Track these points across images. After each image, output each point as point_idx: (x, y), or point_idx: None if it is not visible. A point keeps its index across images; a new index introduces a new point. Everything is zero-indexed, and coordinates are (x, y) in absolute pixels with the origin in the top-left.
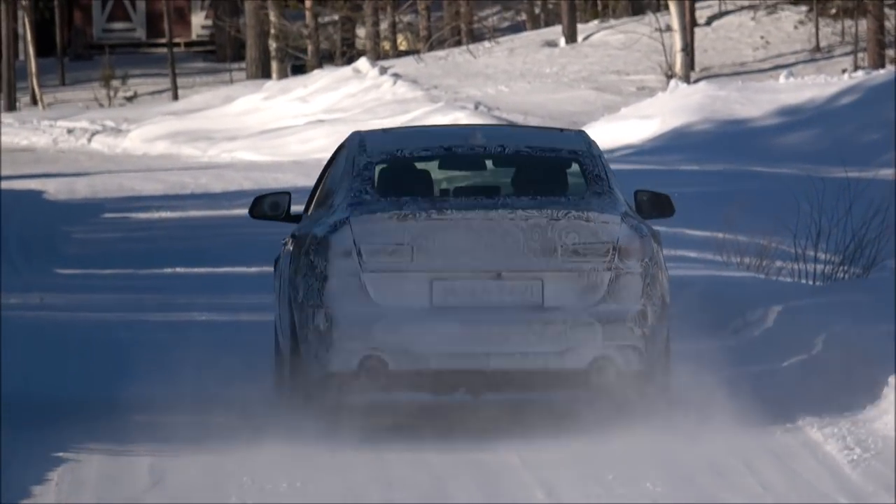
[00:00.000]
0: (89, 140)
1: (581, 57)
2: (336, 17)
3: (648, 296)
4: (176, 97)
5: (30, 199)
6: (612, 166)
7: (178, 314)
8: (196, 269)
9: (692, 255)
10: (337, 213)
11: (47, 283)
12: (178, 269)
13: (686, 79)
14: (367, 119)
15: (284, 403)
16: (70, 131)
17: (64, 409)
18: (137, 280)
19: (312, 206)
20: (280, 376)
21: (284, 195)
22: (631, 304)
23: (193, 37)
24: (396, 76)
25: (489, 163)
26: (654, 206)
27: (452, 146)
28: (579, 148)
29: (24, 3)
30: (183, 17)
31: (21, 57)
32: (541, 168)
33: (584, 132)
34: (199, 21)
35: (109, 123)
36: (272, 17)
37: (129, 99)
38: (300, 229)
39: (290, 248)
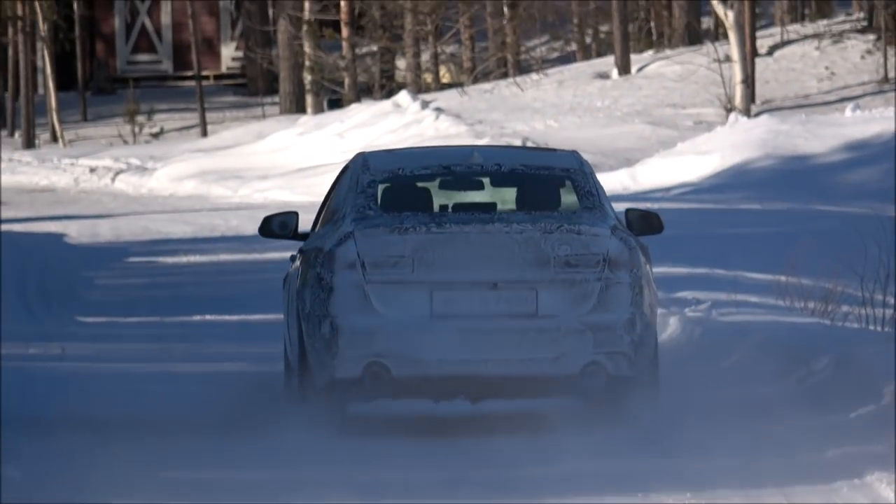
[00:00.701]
0: (113, 179)
1: (635, 89)
2: (375, 48)
3: (637, 305)
4: (205, 133)
5: (50, 243)
6: (668, 205)
7: (207, 364)
8: (227, 317)
9: (753, 299)
10: (342, 228)
11: (68, 333)
12: (208, 317)
13: (746, 112)
14: None
15: (294, 410)
16: (92, 170)
17: (86, 463)
18: (164, 328)
19: (319, 223)
20: (289, 385)
21: (292, 215)
22: (620, 313)
23: (223, 69)
24: (439, 110)
25: (486, 180)
26: (643, 223)
27: (451, 165)
28: (571, 166)
29: (43, 34)
30: (212, 49)
31: (41, 91)
32: (535, 185)
33: (576, 152)
34: (229, 52)
35: (134, 161)
36: (307, 49)
37: (156, 135)
38: (308, 245)
39: (299, 263)
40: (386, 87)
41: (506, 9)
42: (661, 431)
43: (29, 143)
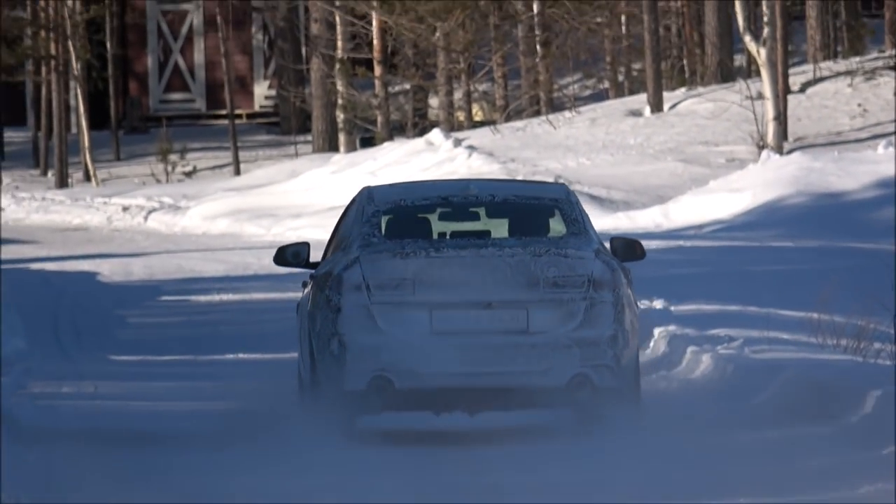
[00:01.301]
0: (146, 218)
1: (667, 127)
2: (407, 87)
3: (619, 322)
4: (238, 172)
5: (83, 282)
6: (700, 243)
7: (240, 403)
8: (260, 356)
9: (785, 336)
10: (349, 254)
11: (101, 371)
12: (241, 356)
13: (779, 149)
14: None
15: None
16: (125, 209)
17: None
18: (197, 367)
19: (329, 251)
20: (302, 399)
21: (304, 245)
22: (604, 329)
23: (256, 108)
24: (472, 148)
25: (482, 210)
26: (626, 250)
27: (449, 196)
28: (559, 196)
29: (76, 73)
30: (245, 87)
31: (73, 130)
32: (526, 214)
33: (563, 184)
34: (261, 91)
35: (167, 200)
36: (339, 87)
37: (188, 174)
38: (318, 271)
39: (310, 288)
40: (419, 125)
41: (538, 47)
42: (693, 468)
43: (62, 183)
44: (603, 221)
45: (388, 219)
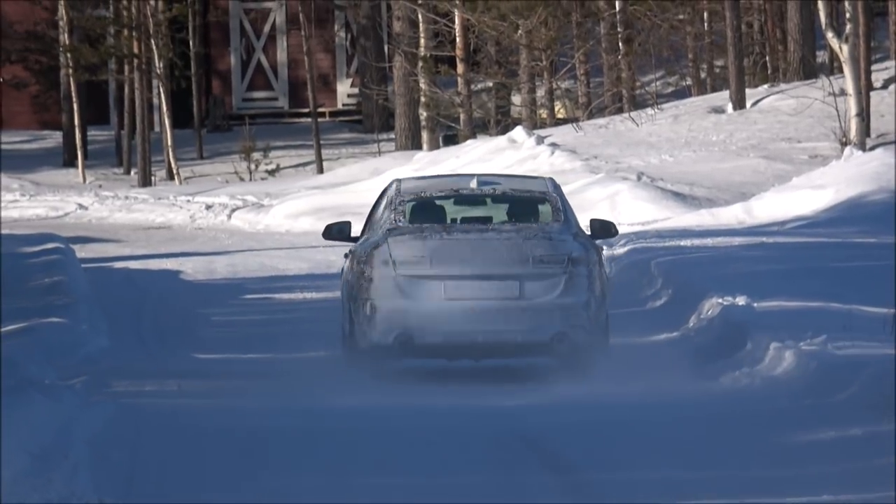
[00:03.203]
0: (229, 216)
1: (749, 124)
2: (490, 84)
3: (591, 291)
4: (321, 170)
5: (166, 280)
6: (783, 239)
7: (324, 400)
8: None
9: (868, 333)
10: (379, 236)
11: (185, 369)
12: (323, 353)
13: (861, 146)
14: None
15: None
16: (208, 207)
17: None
18: (280, 365)
19: (365, 231)
20: (343, 349)
21: (347, 223)
22: (580, 297)
23: (339, 106)
24: (554, 146)
25: (486, 199)
26: (601, 229)
27: (460, 188)
28: (546, 189)
29: (159, 72)
30: (328, 85)
31: (156, 129)
32: (519, 203)
33: (552, 179)
34: (344, 89)
35: (250, 198)
36: (422, 85)
37: (271, 172)
38: (356, 248)
39: (349, 261)
40: (501, 122)
41: (621, 44)
42: (775, 464)
43: (145, 181)
44: (686, 218)
45: (412, 206)
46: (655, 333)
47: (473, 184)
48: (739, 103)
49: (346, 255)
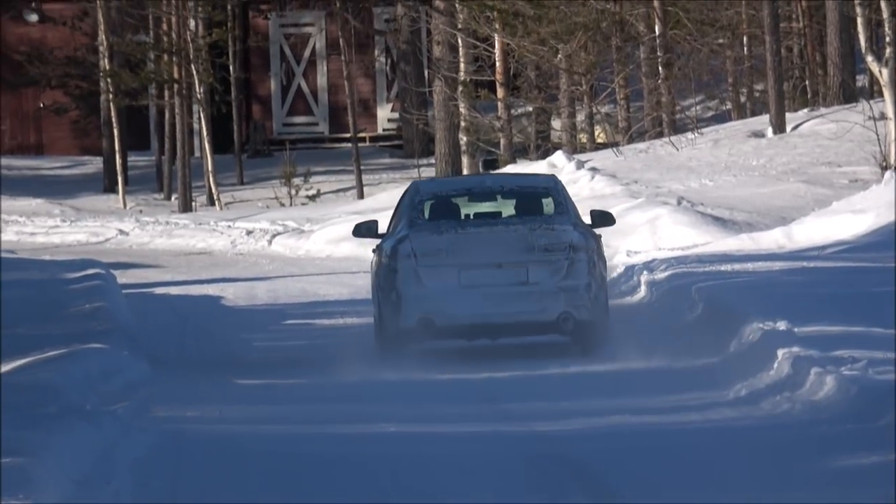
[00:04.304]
0: (270, 242)
1: (790, 148)
2: (530, 109)
3: (592, 274)
4: (361, 195)
5: (207, 305)
6: (823, 263)
7: (365, 426)
8: (385, 377)
9: None
10: (402, 232)
11: (226, 395)
12: (364, 378)
13: None
14: None
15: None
16: (249, 233)
17: None
18: (321, 390)
19: (390, 228)
20: (374, 336)
21: (374, 222)
22: (581, 280)
23: (379, 130)
24: (594, 170)
25: (496, 196)
26: (601, 219)
27: (472, 188)
28: (549, 185)
29: (199, 97)
30: (368, 110)
31: (197, 154)
32: (526, 199)
33: (554, 176)
34: (384, 114)
35: (291, 224)
36: (462, 110)
37: (312, 198)
38: (382, 243)
39: (376, 255)
40: (541, 147)
41: (661, 68)
42: (816, 489)
43: (186, 207)
44: (726, 243)
45: (430, 205)
46: (696, 358)
47: (484, 183)
48: (779, 127)
49: (374, 251)
